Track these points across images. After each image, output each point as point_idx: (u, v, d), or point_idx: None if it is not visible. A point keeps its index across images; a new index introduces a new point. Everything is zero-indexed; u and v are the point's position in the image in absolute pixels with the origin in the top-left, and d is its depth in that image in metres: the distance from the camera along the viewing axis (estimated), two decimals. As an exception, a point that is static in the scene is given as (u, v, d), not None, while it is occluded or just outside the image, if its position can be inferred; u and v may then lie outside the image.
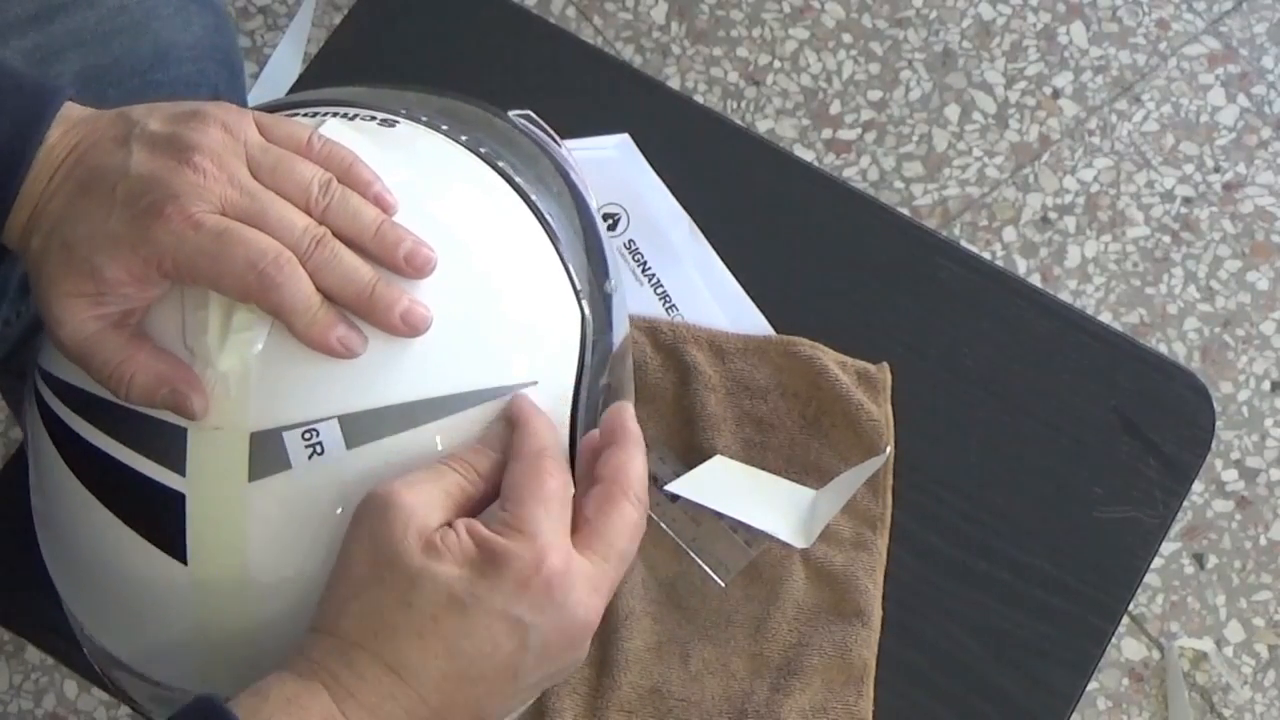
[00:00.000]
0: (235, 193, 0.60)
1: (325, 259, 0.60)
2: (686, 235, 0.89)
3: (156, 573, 0.60)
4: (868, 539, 0.83)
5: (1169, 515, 0.85)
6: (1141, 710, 1.39)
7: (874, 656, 0.81)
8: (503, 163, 0.67)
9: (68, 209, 0.60)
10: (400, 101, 0.69)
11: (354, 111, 0.67)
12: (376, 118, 0.67)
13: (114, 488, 0.61)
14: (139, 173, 0.59)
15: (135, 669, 0.64)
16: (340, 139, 0.64)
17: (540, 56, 0.95)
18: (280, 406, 0.60)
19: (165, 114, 0.62)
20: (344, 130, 0.65)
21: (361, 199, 0.62)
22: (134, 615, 0.63)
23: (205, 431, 0.60)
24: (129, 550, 0.61)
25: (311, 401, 0.60)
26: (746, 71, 1.58)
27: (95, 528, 0.62)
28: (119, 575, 0.62)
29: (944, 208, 1.54)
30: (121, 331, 0.60)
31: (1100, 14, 1.61)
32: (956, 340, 0.88)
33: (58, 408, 0.63)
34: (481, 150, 0.67)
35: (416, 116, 0.68)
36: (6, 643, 1.40)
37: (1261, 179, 1.56)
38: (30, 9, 0.83)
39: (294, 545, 0.60)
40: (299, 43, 1.54)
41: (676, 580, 0.82)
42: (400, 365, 0.61)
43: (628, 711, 0.79)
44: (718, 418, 0.85)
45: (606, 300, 0.68)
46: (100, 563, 0.63)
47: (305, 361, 0.60)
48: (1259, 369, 1.50)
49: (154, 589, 0.61)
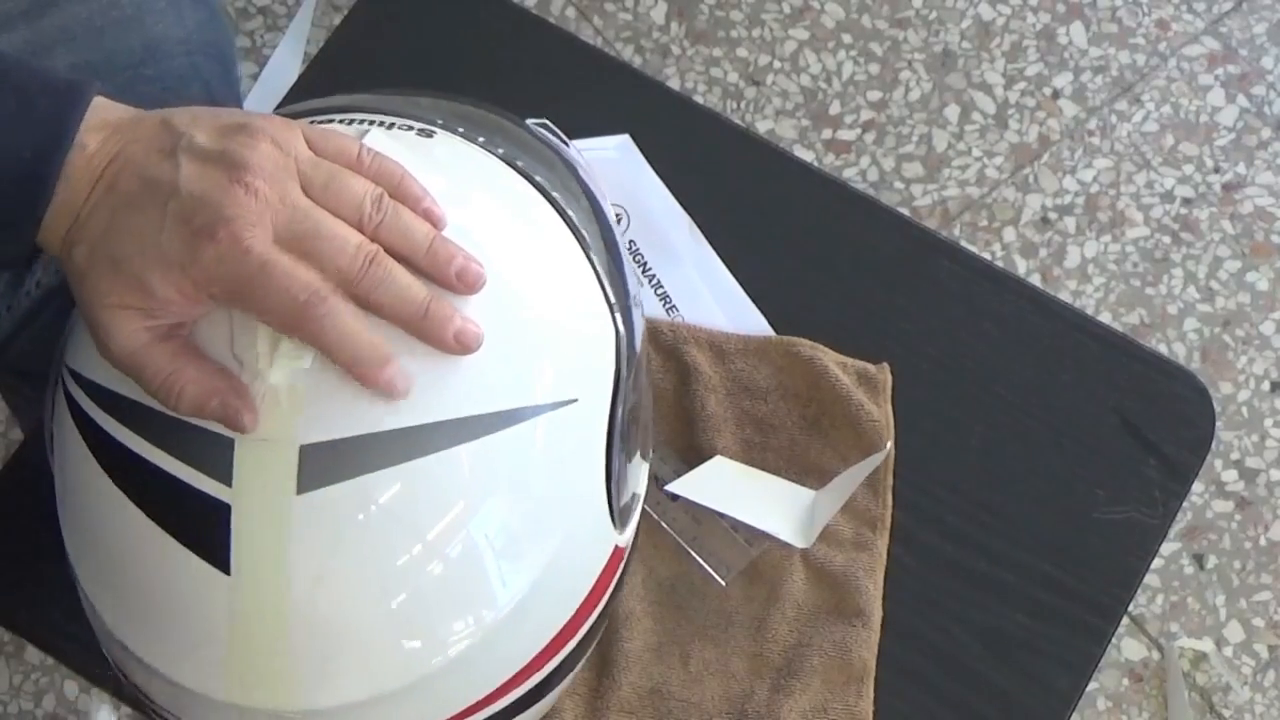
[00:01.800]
0: (288, 212, 0.59)
1: (380, 277, 0.59)
2: (686, 235, 0.89)
3: (196, 580, 0.60)
4: (868, 539, 0.83)
5: (1169, 516, 0.85)
6: (1141, 710, 1.40)
7: (874, 657, 0.81)
8: (539, 177, 0.67)
9: (114, 222, 0.60)
10: (424, 109, 0.69)
11: (389, 120, 0.66)
12: (414, 128, 0.66)
13: (155, 495, 0.61)
14: (190, 190, 0.59)
15: (161, 671, 0.63)
16: (383, 150, 0.64)
17: (540, 57, 0.95)
18: (330, 420, 0.59)
19: (212, 126, 0.61)
20: (386, 141, 0.64)
21: (412, 214, 0.61)
22: (167, 619, 0.62)
23: (253, 443, 0.59)
24: (168, 557, 0.60)
25: (361, 415, 0.60)
26: (746, 72, 1.58)
27: (131, 533, 0.61)
28: (154, 580, 0.62)
29: (944, 208, 1.54)
30: (171, 343, 0.60)
31: (1100, 14, 1.61)
32: (956, 340, 0.88)
33: (91, 410, 0.62)
34: (518, 164, 0.67)
35: (453, 127, 0.67)
36: (6, 643, 1.40)
37: (1261, 179, 1.56)
38: (22, 4, 0.83)
39: (338, 557, 0.60)
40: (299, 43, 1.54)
41: (676, 581, 0.82)
42: (448, 382, 0.61)
43: (628, 712, 0.79)
44: (718, 418, 0.85)
45: (631, 313, 0.68)
46: (135, 567, 0.62)
47: None
48: (1259, 369, 1.50)
49: (192, 596, 0.61)
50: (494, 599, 0.62)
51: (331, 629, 0.60)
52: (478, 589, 0.62)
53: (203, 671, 0.62)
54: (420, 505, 0.60)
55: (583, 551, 0.65)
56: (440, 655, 0.61)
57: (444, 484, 0.60)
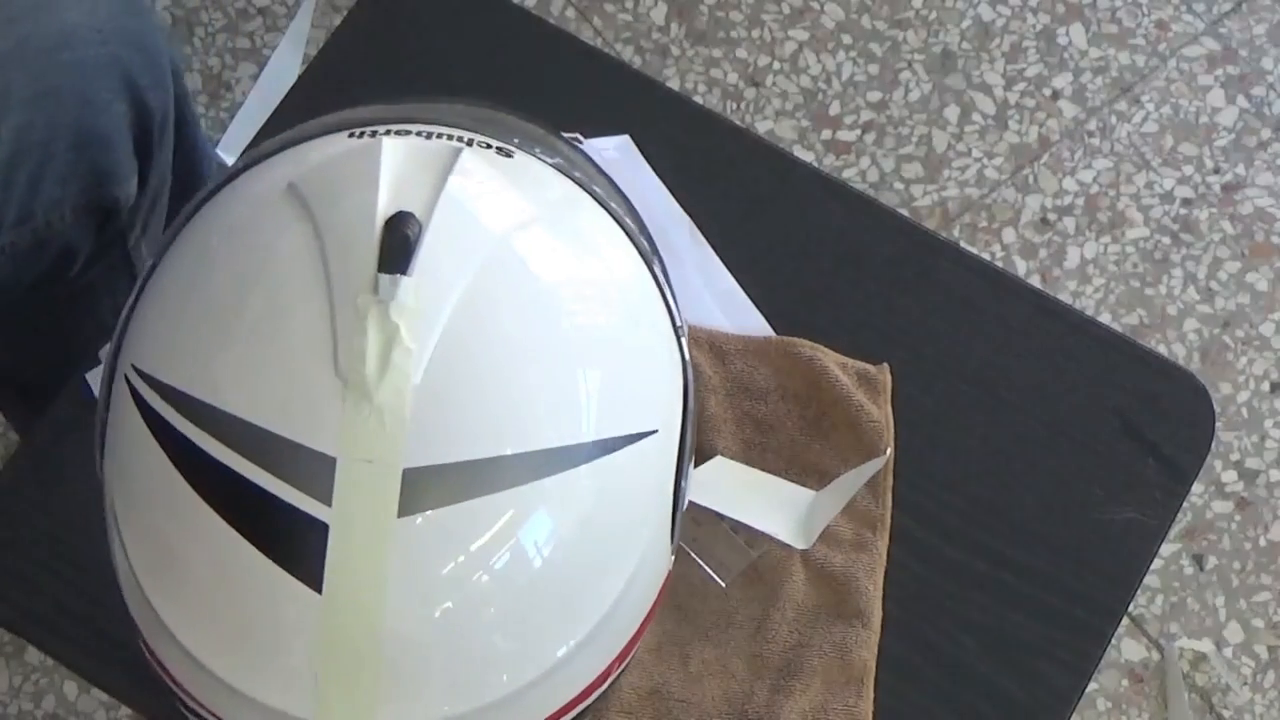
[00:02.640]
0: None
1: None
2: (686, 236, 0.89)
3: (285, 597, 0.59)
4: (868, 540, 0.83)
5: (1169, 516, 0.85)
6: (1141, 711, 1.40)
7: (874, 657, 0.81)
8: (614, 204, 0.67)
9: None
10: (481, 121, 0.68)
11: (468, 136, 0.65)
12: (492, 146, 0.65)
13: (247, 510, 0.59)
14: None
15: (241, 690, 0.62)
16: (477, 173, 0.63)
17: (540, 57, 0.95)
18: (435, 443, 0.58)
19: None
20: (480, 164, 0.63)
21: None
22: (249, 633, 0.61)
23: (356, 464, 0.58)
24: (255, 572, 0.59)
25: (467, 441, 0.59)
26: (746, 72, 1.58)
27: (216, 546, 0.60)
28: (239, 594, 0.61)
29: (944, 209, 1.54)
30: None
31: (1100, 15, 1.61)
32: (956, 341, 0.88)
33: (172, 417, 0.60)
34: (595, 190, 0.67)
35: (530, 148, 0.67)
36: (6, 644, 1.40)
37: (1261, 180, 1.56)
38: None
39: (436, 582, 0.59)
40: (299, 44, 1.54)
41: (676, 581, 0.82)
42: (552, 411, 0.60)
43: (628, 712, 0.79)
44: (718, 419, 0.85)
45: (684, 336, 0.68)
46: (216, 580, 0.61)
47: (463, 398, 0.59)
48: (1259, 370, 1.50)
49: (279, 612, 0.60)
50: (581, 618, 0.63)
51: (424, 653, 0.60)
52: (565, 611, 0.62)
53: (290, 691, 0.61)
54: (519, 532, 0.60)
55: (652, 568, 0.66)
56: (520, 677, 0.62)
57: (542, 512, 0.60)
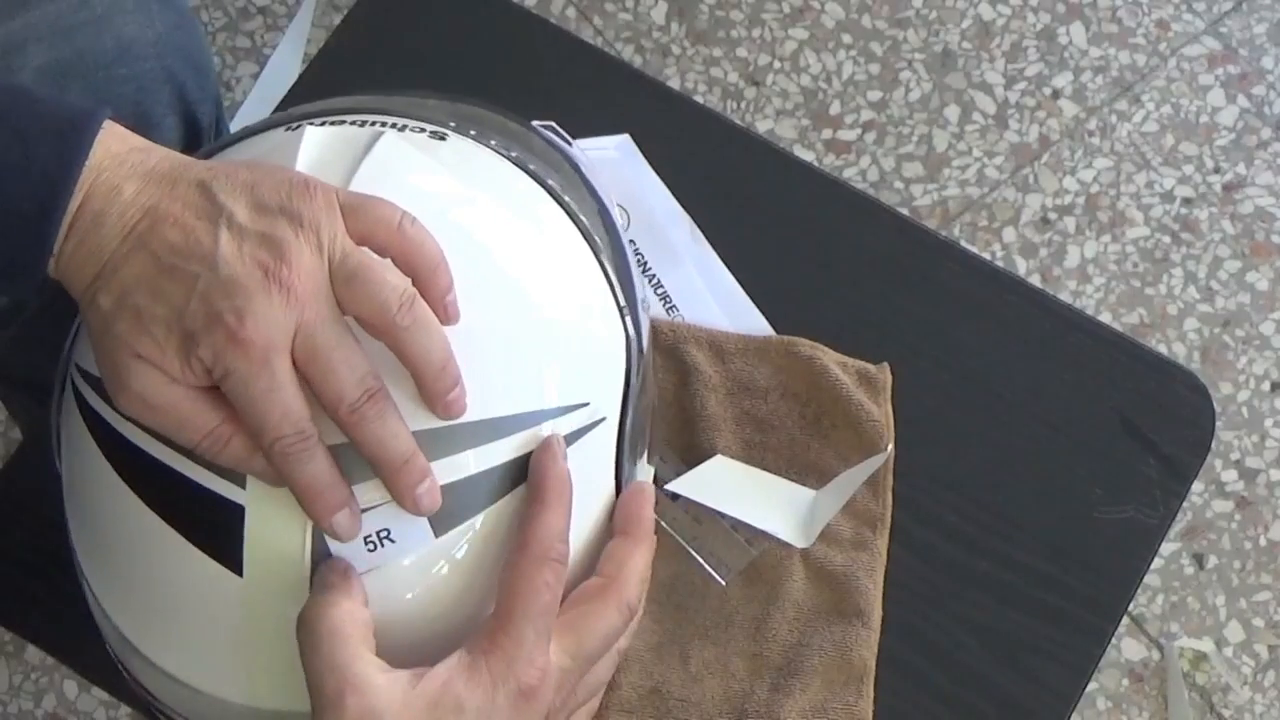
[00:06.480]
0: (311, 317, 0.58)
1: (372, 416, 0.59)
2: (686, 235, 0.89)
3: (208, 581, 0.60)
4: (868, 539, 0.83)
5: (1169, 515, 0.85)
6: (1141, 710, 1.40)
7: (874, 656, 0.81)
8: (550, 181, 0.67)
9: (144, 282, 0.59)
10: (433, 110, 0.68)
11: (401, 122, 0.66)
12: (426, 130, 0.66)
13: (168, 496, 0.61)
14: (225, 274, 0.58)
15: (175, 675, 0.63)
16: (396, 154, 0.63)
17: (540, 57, 0.95)
18: None
19: (253, 203, 0.59)
20: (399, 144, 0.64)
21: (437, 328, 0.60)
22: (177, 619, 0.62)
23: None
24: (179, 557, 0.60)
25: None
26: (746, 72, 1.58)
27: (142, 532, 0.61)
28: (164, 580, 0.62)
29: (944, 208, 1.54)
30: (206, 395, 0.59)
31: (1100, 14, 1.61)
32: (956, 340, 0.88)
33: (103, 410, 0.62)
34: (530, 167, 0.67)
35: (465, 130, 0.67)
36: (7, 643, 1.40)
37: (1261, 179, 1.56)
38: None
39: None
40: (299, 43, 1.54)
41: (676, 580, 0.82)
42: None
43: (628, 711, 0.79)
44: (718, 418, 0.85)
45: (640, 316, 0.68)
46: (148, 569, 0.62)
47: None
48: (1259, 369, 1.50)
49: (203, 596, 0.61)
50: None
51: None
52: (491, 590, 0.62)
53: (220, 675, 0.62)
54: None
55: (594, 551, 0.65)
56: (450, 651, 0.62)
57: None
